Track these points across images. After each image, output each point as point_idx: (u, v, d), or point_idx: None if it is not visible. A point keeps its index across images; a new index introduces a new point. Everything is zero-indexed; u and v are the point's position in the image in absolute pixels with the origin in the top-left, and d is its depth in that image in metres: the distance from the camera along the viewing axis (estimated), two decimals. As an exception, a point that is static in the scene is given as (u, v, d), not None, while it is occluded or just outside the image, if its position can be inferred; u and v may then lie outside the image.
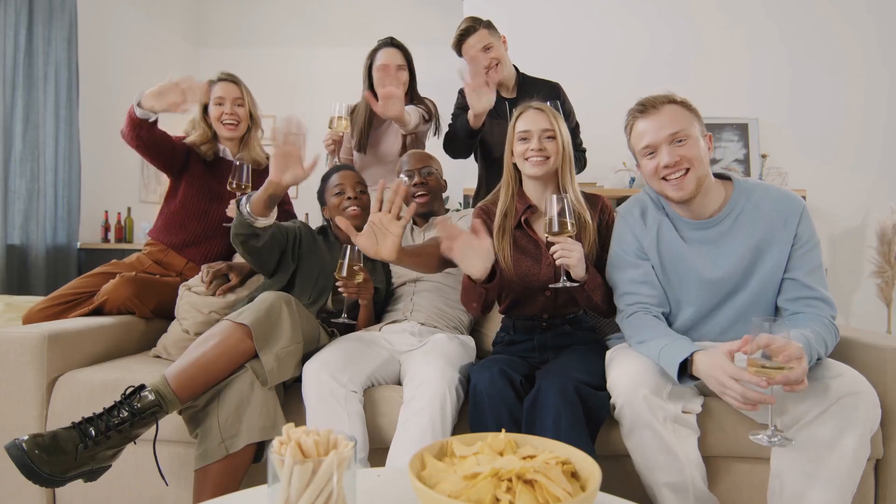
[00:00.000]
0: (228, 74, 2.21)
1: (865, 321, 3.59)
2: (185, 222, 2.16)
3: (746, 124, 3.75)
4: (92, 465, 1.22)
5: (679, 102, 1.42)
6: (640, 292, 1.50)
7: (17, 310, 2.78)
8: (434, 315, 1.87)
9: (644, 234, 1.52)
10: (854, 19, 3.71)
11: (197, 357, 1.39)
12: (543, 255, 1.63)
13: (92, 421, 1.24)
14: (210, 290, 1.93)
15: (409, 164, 2.03)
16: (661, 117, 1.40)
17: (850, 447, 1.19)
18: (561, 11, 3.85)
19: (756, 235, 1.41)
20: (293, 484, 0.75)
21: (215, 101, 2.15)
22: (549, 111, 1.66)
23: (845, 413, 1.20)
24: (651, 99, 1.43)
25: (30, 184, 3.68)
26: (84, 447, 1.20)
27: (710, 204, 1.45)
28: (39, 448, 1.15)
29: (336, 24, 5.54)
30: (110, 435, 1.23)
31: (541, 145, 1.61)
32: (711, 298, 1.47)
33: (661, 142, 1.39)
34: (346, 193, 1.92)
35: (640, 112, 1.43)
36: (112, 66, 4.51)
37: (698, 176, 1.39)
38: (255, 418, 1.38)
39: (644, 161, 1.44)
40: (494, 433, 0.95)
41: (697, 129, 1.41)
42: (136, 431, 1.28)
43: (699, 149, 1.39)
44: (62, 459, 1.17)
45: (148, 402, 1.28)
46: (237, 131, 2.17)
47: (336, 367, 1.48)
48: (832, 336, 1.34)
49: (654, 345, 1.37)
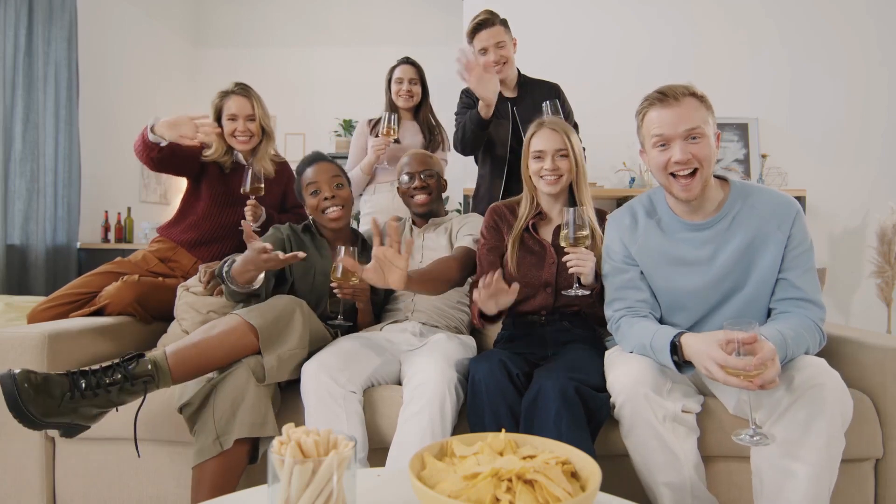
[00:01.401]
0: (241, 87, 2.22)
1: (865, 321, 3.59)
2: (198, 222, 2.20)
3: (746, 124, 3.75)
4: (72, 417, 1.23)
5: (699, 97, 1.39)
6: (627, 297, 1.51)
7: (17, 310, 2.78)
8: (435, 315, 1.87)
9: (632, 242, 1.52)
10: (854, 19, 3.71)
11: (199, 341, 1.41)
12: (547, 254, 1.71)
13: (85, 374, 1.25)
14: (207, 290, 1.94)
15: (411, 167, 2.05)
16: (680, 110, 1.35)
17: (820, 438, 1.19)
18: (561, 11, 3.85)
19: (750, 237, 1.41)
20: (293, 484, 0.75)
21: (228, 117, 2.18)
22: (562, 130, 1.72)
23: (812, 404, 1.20)
24: (672, 88, 1.38)
25: (30, 184, 3.68)
26: (70, 397, 1.22)
27: (709, 204, 1.44)
28: (29, 383, 1.17)
29: (336, 24, 5.55)
30: (98, 392, 1.25)
31: (554, 165, 1.69)
32: (706, 302, 1.46)
33: (677, 136, 1.36)
34: (322, 192, 1.85)
35: (660, 100, 1.38)
36: (112, 66, 4.51)
37: (705, 177, 1.38)
38: (247, 414, 1.39)
39: (653, 151, 1.41)
40: (494, 433, 0.96)
41: (711, 127, 1.39)
42: (124, 398, 1.29)
43: (710, 149, 1.37)
44: (47, 402, 1.19)
45: (143, 370, 1.31)
46: (250, 145, 2.22)
47: (334, 368, 1.48)
48: (815, 338, 1.33)
49: (643, 342, 1.38)
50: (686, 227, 1.47)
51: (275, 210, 2.29)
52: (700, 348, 1.21)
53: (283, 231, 1.91)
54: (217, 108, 2.20)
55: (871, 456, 1.44)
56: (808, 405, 1.20)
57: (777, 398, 1.24)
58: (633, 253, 1.52)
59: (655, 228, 1.50)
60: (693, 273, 1.45)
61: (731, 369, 1.14)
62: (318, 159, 1.94)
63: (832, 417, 1.19)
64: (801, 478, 1.19)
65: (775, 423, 1.24)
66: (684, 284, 1.47)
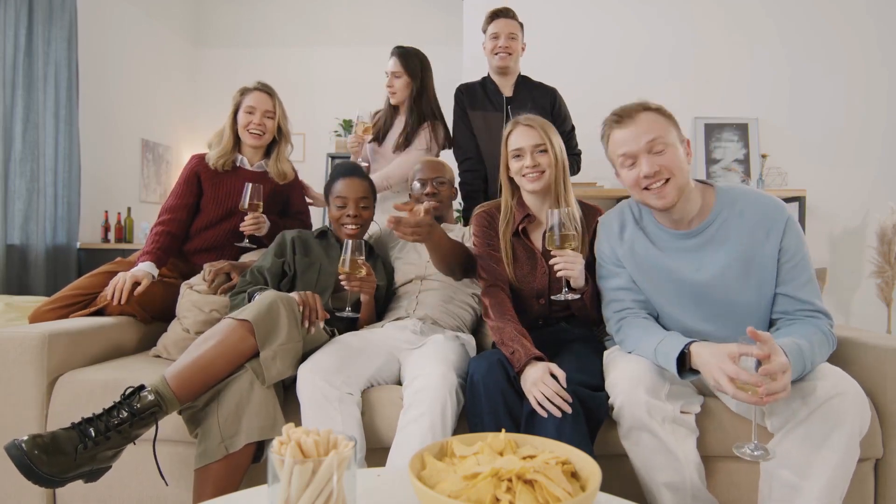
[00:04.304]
0: (265, 85, 2.21)
1: (865, 321, 3.59)
2: (198, 231, 2.19)
3: (746, 124, 3.75)
4: (92, 465, 1.22)
5: (654, 109, 1.40)
6: (623, 298, 1.51)
7: (17, 310, 2.78)
8: (438, 312, 1.86)
9: (619, 246, 1.52)
10: (854, 19, 3.70)
11: (196, 357, 1.39)
12: (538, 264, 1.68)
13: (91, 421, 1.24)
14: (212, 288, 1.94)
15: (424, 174, 2.09)
16: (637, 126, 1.38)
17: (838, 449, 1.18)
18: (561, 11, 3.85)
19: (741, 245, 1.39)
20: (293, 484, 0.75)
21: (246, 110, 2.16)
22: (539, 125, 1.68)
23: (833, 415, 1.18)
24: (626, 108, 1.42)
25: (30, 184, 3.68)
26: (84, 447, 1.20)
27: (691, 210, 1.43)
28: (39, 448, 1.15)
29: (336, 24, 5.54)
30: (110, 435, 1.23)
31: (534, 161, 1.65)
32: (696, 312, 1.45)
33: (640, 150, 1.38)
34: (347, 209, 1.93)
35: (616, 122, 1.41)
36: (112, 66, 4.51)
37: (679, 185, 1.38)
38: (255, 418, 1.38)
39: (623, 171, 1.43)
40: (494, 433, 0.96)
41: (675, 136, 1.40)
42: (136, 432, 1.28)
43: (678, 157, 1.38)
44: (62, 460, 1.17)
45: (147, 402, 1.28)
46: (261, 141, 2.19)
47: (328, 370, 1.47)
48: (828, 347, 1.32)
49: (648, 345, 1.37)
50: (672, 237, 1.46)
51: (277, 216, 2.28)
52: (711, 360, 1.20)
53: (287, 238, 1.94)
54: (236, 102, 2.18)
55: (871, 456, 1.44)
56: (827, 417, 1.18)
57: (794, 408, 1.23)
58: (619, 257, 1.52)
59: (642, 236, 1.50)
60: (680, 282, 1.44)
61: (741, 384, 1.13)
62: (353, 173, 1.98)
63: (851, 430, 1.18)
64: (816, 486, 1.18)
65: (790, 433, 1.23)
66: (671, 293, 1.46)
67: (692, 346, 1.28)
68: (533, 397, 1.34)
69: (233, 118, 2.19)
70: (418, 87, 2.51)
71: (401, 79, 2.49)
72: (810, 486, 1.18)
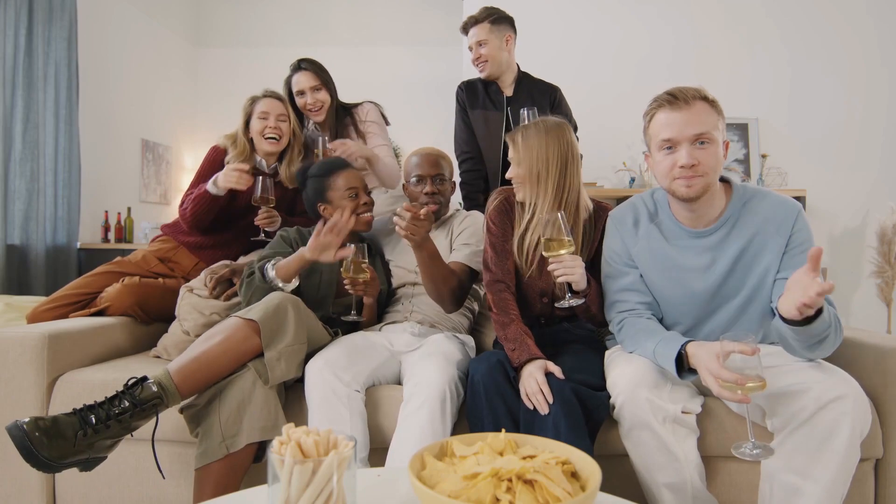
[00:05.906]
0: (274, 92, 2.21)
1: (865, 321, 3.59)
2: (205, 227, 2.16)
3: (746, 124, 3.75)
4: (89, 453, 1.23)
5: (711, 101, 1.35)
6: (628, 300, 1.50)
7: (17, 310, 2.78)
8: (433, 316, 1.87)
9: (633, 243, 1.51)
10: (854, 19, 3.70)
11: (201, 352, 1.40)
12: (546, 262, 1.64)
13: (93, 409, 1.24)
14: (213, 294, 1.93)
15: (422, 169, 1.91)
16: (689, 113, 1.31)
17: (839, 451, 1.17)
18: (561, 11, 3.85)
19: (746, 242, 1.39)
20: (293, 484, 0.75)
21: (259, 116, 2.14)
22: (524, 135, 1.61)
23: (834, 417, 1.18)
24: (682, 91, 1.34)
25: (30, 184, 3.67)
26: (83, 434, 1.21)
27: (713, 210, 1.42)
28: (40, 431, 1.16)
29: (336, 24, 5.54)
30: (110, 424, 1.24)
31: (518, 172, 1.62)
32: (703, 308, 1.46)
33: (684, 140, 1.32)
34: (360, 198, 1.88)
35: (669, 102, 1.34)
36: (112, 66, 4.51)
37: (708, 183, 1.35)
38: (256, 418, 1.38)
39: (658, 154, 1.37)
40: (494, 433, 0.96)
41: (720, 134, 1.35)
42: (136, 423, 1.28)
43: (717, 157, 1.34)
44: (61, 444, 1.18)
45: (150, 393, 1.29)
46: (279, 146, 2.17)
47: (339, 366, 1.49)
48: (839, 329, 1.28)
49: (647, 347, 1.37)
50: (687, 234, 1.46)
51: (286, 213, 2.27)
52: (702, 359, 1.20)
53: (290, 233, 1.93)
54: (247, 112, 2.16)
55: (871, 456, 1.44)
56: (828, 419, 1.18)
57: (796, 409, 1.22)
58: (633, 254, 1.51)
59: (657, 232, 1.49)
60: (691, 280, 1.44)
61: (723, 382, 1.13)
62: (349, 165, 1.94)
63: (852, 432, 1.18)
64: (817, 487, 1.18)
65: (791, 434, 1.22)
66: (681, 290, 1.46)
67: (688, 347, 1.28)
68: (523, 388, 1.39)
69: (245, 127, 2.17)
70: (332, 93, 2.35)
71: (321, 91, 2.30)
72: (811, 488, 1.18)
